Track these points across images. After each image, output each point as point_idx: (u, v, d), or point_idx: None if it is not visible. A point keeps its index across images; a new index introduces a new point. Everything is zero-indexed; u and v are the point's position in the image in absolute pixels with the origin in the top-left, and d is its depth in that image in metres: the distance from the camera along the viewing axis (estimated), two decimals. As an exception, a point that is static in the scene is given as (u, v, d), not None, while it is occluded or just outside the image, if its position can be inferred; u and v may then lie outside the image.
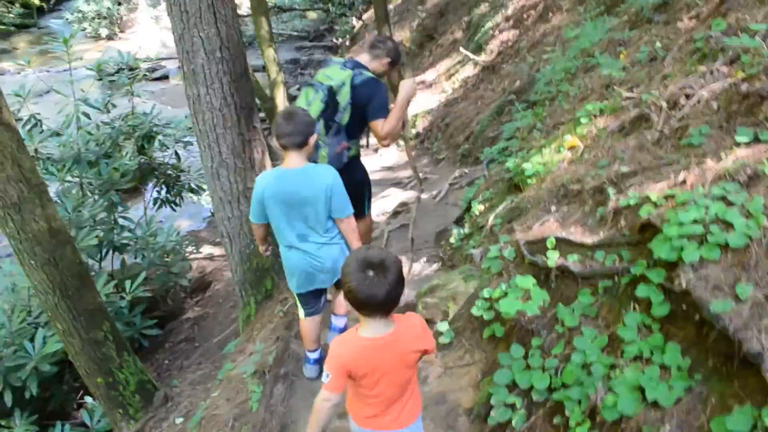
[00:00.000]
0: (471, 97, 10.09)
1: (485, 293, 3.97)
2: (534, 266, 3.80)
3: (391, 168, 10.20)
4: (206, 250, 9.23)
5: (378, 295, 2.18)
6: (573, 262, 3.48)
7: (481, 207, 5.25)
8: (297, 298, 4.12)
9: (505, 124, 8.42)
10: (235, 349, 5.97)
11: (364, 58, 4.37)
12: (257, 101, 10.52)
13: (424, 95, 11.13)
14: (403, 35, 13.94)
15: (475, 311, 3.95)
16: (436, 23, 13.43)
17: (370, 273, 2.18)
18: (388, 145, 4.36)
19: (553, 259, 3.58)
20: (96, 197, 7.34)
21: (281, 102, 9.17)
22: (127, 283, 6.57)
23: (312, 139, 3.56)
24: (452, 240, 5.35)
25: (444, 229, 6.40)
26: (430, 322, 4.31)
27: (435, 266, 5.38)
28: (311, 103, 4.17)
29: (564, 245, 3.62)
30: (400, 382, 2.45)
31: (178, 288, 8.04)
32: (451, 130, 9.90)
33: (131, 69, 8.00)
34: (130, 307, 6.87)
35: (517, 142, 5.73)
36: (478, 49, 10.66)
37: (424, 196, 8.32)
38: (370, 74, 4.21)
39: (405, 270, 5.31)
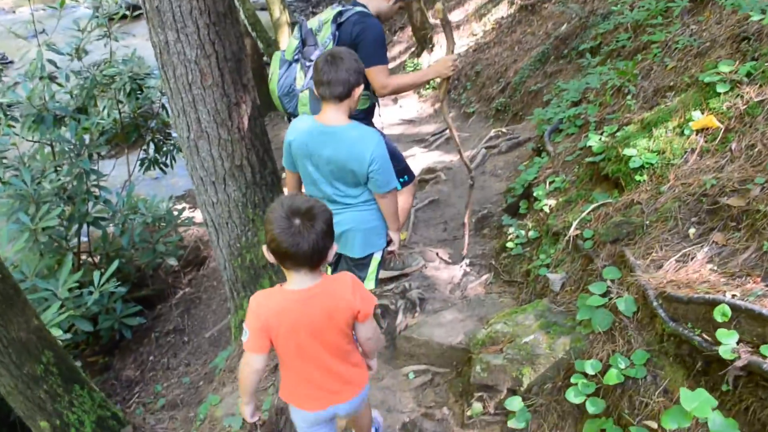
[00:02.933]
0: (506, 41, 8.22)
1: (588, 367, 2.37)
2: (679, 341, 2.18)
3: (413, 121, 8.45)
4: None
5: (303, 244, 1.86)
6: (777, 362, 1.85)
7: (551, 201, 3.59)
8: None
9: (552, 77, 6.66)
10: (224, 366, 4.45)
11: None
12: (260, 46, 8.77)
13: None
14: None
15: (572, 396, 2.35)
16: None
17: (296, 221, 1.86)
18: (384, 95, 3.41)
19: (730, 346, 1.95)
20: (69, 161, 5.68)
21: (285, 46, 7.40)
22: (96, 275, 5.00)
23: (357, 91, 2.71)
24: (509, 244, 3.71)
25: (488, 213, 4.75)
26: (492, 389, 2.73)
27: (485, 277, 3.76)
28: (290, 42, 3.52)
29: (747, 319, 1.99)
30: (331, 347, 2.08)
31: (168, 265, 6.50)
32: (482, 79, 8.09)
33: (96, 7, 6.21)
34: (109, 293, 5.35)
35: (594, 108, 4.00)
36: (515, -15, 8.73)
37: (452, 159, 6.65)
38: (360, 9, 3.32)
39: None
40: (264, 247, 1.95)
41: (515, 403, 2.57)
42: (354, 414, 2.35)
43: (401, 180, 3.83)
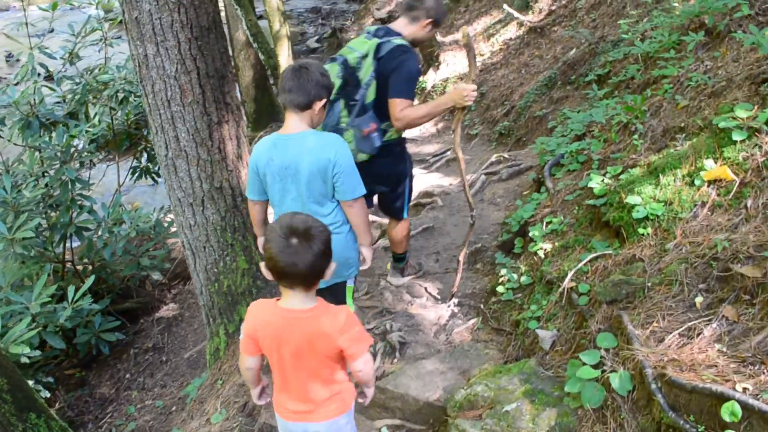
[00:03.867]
0: (513, 63, 7.92)
1: (574, 450, 2.06)
2: (680, 434, 1.86)
3: (415, 140, 8.14)
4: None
5: (299, 264, 1.85)
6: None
7: (547, 245, 3.28)
8: None
9: (558, 103, 6.36)
10: (196, 395, 4.16)
11: (399, 23, 3.33)
12: (260, 56, 8.49)
13: (456, 57, 8.95)
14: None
15: (554, 483, 2.04)
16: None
17: (294, 240, 1.85)
18: (399, 128, 3.28)
19: (740, 452, 1.64)
20: (57, 168, 5.39)
21: (285, 59, 7.13)
22: (70, 289, 4.72)
23: (318, 104, 2.64)
24: (500, 288, 3.40)
25: (482, 247, 4.44)
26: (468, 459, 2.41)
27: (472, 322, 3.44)
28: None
29: (760, 422, 1.67)
30: (310, 370, 2.04)
31: (153, 278, 6.22)
32: (487, 101, 7.80)
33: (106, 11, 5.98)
34: (93, 295, 5.06)
35: (598, 144, 3.69)
36: (525, 7, 8.42)
37: (452, 183, 6.35)
38: (399, 41, 3.18)
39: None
40: (262, 264, 1.95)
41: (492, 480, 2.26)
42: None
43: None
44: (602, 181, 3.18)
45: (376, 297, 4.03)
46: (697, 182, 2.63)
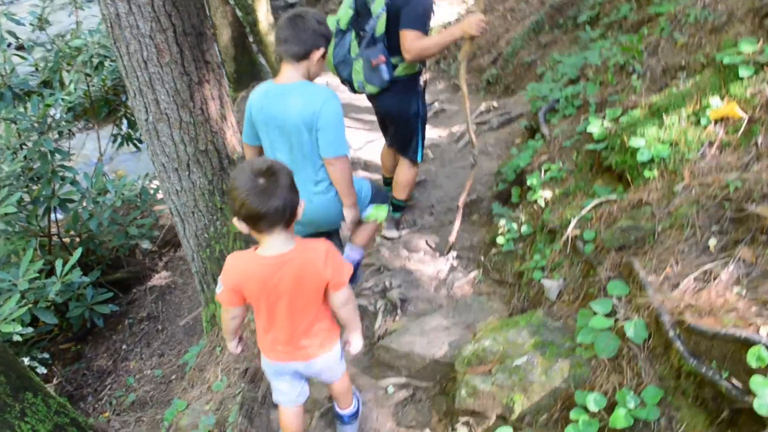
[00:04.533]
0: (498, 9, 7.69)
1: (590, 402, 2.00)
2: (701, 381, 1.80)
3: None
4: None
5: (273, 201, 1.82)
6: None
7: (547, 193, 3.18)
8: None
9: (546, 48, 6.19)
10: (194, 363, 4.08)
11: None
12: (238, 13, 8.19)
13: (441, 5, 8.70)
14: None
15: (571, 436, 1.98)
16: None
17: (261, 181, 1.82)
18: (410, 60, 3.19)
19: (767, 399, 1.57)
20: (32, 140, 5.19)
21: (263, 15, 6.86)
22: (58, 263, 4.58)
23: (316, 54, 2.57)
24: (500, 239, 3.31)
25: (477, 198, 4.34)
26: (479, 414, 2.36)
27: (473, 275, 3.36)
28: (345, 12, 3.32)
29: (788, 365, 1.60)
30: (300, 309, 2.07)
31: (142, 247, 6.10)
32: (473, 49, 7.58)
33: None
34: (82, 268, 4.94)
35: (594, 87, 3.56)
36: (507, -50, 8.15)
37: (441, 135, 6.21)
38: None
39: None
40: (234, 219, 1.90)
41: (505, 434, 2.20)
42: (319, 375, 2.35)
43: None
44: (602, 124, 3.07)
45: (373, 254, 3.94)
46: (703, 121, 2.52)
